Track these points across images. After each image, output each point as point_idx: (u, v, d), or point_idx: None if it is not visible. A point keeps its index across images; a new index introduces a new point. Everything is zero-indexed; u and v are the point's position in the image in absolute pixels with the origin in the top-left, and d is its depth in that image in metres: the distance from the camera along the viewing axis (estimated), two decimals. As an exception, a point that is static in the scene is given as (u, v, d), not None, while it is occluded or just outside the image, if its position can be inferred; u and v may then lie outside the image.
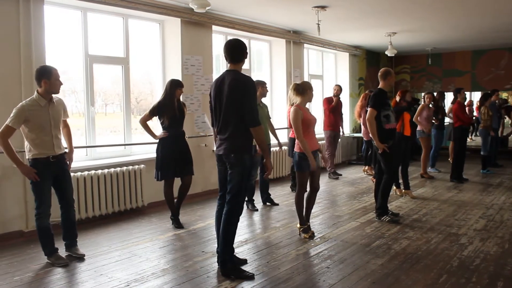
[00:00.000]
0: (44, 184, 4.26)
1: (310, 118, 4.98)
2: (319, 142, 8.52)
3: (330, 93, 9.60)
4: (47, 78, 4.18)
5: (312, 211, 6.25)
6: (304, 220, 5.18)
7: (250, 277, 3.94)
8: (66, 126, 4.61)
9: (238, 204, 3.95)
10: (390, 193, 5.97)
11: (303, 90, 4.96)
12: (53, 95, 4.33)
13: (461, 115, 8.35)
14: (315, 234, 5.21)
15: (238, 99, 3.78)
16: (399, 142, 6.83)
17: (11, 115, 4.13)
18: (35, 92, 4.26)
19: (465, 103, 9.64)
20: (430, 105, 8.68)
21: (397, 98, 7.26)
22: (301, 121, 4.86)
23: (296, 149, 4.97)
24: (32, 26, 5.28)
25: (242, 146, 3.86)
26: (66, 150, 4.55)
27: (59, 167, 4.37)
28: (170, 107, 5.47)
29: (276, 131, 6.93)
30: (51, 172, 4.30)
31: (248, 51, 4.07)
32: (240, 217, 4.04)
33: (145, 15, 6.82)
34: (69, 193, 4.50)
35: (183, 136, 5.67)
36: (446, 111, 9.84)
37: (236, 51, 3.91)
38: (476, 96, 12.94)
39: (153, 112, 5.52)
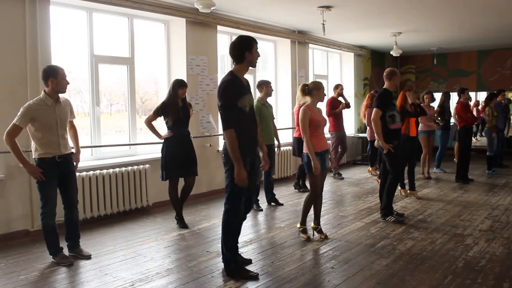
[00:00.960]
0: (50, 183, 4.28)
1: (319, 119, 4.95)
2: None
3: (332, 92, 9.47)
4: (54, 77, 4.21)
5: (317, 211, 6.26)
6: (306, 221, 5.16)
7: (254, 277, 3.93)
8: (73, 127, 4.63)
9: (233, 203, 3.91)
10: (395, 194, 5.95)
11: (309, 91, 4.96)
12: (60, 96, 4.36)
13: (464, 115, 8.32)
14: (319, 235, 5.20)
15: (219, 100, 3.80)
16: (405, 143, 6.80)
17: (18, 114, 4.16)
18: (42, 91, 4.29)
19: (472, 103, 9.60)
20: (431, 104, 8.73)
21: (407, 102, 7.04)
22: (310, 122, 4.85)
23: (305, 150, 4.95)
24: (38, 26, 5.31)
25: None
26: (73, 151, 4.57)
27: (65, 167, 4.39)
28: (173, 107, 5.48)
29: (281, 131, 6.91)
30: (57, 172, 4.31)
31: (251, 48, 3.80)
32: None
33: (150, 15, 6.84)
34: (74, 194, 4.52)
35: (187, 136, 5.67)
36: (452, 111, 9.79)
37: (234, 52, 3.84)
38: (482, 96, 12.87)
39: (157, 112, 5.54)
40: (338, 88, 9.26)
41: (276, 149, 6.70)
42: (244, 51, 3.81)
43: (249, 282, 3.86)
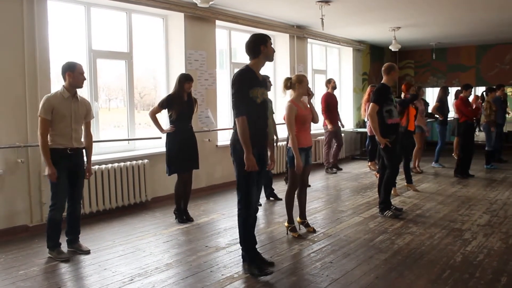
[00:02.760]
0: (61, 175, 4.32)
1: (305, 113, 4.88)
2: (319, 138, 8.39)
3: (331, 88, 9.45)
4: (71, 71, 4.34)
5: (315, 206, 6.29)
6: (293, 218, 5.10)
7: (253, 273, 3.90)
8: (89, 135, 4.68)
9: (242, 194, 3.90)
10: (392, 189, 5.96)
11: (291, 84, 4.92)
12: (80, 96, 4.48)
13: (464, 109, 8.33)
14: (318, 229, 5.21)
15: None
16: (402, 137, 6.78)
17: (40, 107, 4.27)
18: (61, 86, 4.39)
19: (472, 99, 9.60)
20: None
21: (402, 95, 7.20)
22: (296, 118, 4.81)
23: (289, 145, 4.90)
24: (36, 21, 5.29)
25: (235, 137, 3.87)
26: (84, 146, 4.60)
27: (76, 161, 4.45)
28: (178, 101, 5.49)
29: (280, 126, 6.91)
30: (67, 165, 4.36)
31: (265, 42, 3.91)
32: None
33: (148, 10, 6.81)
34: (79, 189, 4.57)
35: (191, 131, 5.67)
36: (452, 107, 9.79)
37: (249, 47, 3.94)
38: (481, 91, 12.87)
39: (162, 104, 5.56)
40: (331, 82, 9.29)
41: (275, 144, 6.73)
42: (259, 44, 3.90)
43: (247, 277, 3.87)
